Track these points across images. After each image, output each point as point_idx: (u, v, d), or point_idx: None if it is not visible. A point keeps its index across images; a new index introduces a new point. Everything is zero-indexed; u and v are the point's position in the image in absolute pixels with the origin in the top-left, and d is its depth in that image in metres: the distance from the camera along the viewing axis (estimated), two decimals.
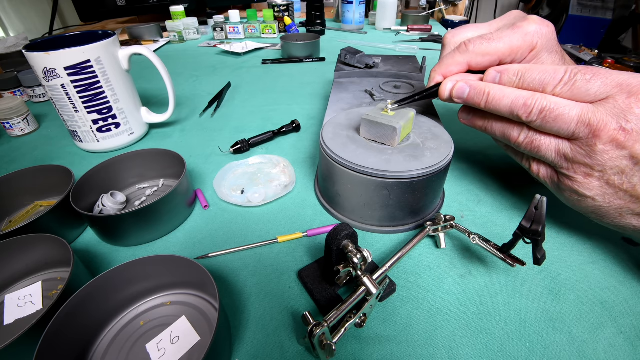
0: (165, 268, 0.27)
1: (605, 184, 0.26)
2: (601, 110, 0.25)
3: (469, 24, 0.37)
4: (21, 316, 0.28)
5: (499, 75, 0.30)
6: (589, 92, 0.26)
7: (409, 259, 0.32)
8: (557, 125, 0.27)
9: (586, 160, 0.26)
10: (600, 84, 0.25)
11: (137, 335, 0.27)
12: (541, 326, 0.27)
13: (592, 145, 0.25)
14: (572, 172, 0.28)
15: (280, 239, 0.34)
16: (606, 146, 0.25)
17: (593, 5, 1.74)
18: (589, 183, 0.27)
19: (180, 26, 1.13)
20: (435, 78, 0.35)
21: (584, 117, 0.25)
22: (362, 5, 1.19)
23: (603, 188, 0.27)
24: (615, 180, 0.26)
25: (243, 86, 0.76)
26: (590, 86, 0.26)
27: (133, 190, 0.42)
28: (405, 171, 0.30)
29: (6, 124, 0.55)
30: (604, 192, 0.27)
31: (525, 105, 0.28)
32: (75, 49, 0.42)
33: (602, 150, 0.25)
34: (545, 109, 0.27)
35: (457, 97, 0.32)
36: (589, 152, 0.26)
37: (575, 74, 0.26)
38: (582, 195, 0.28)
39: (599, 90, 0.25)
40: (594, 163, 0.26)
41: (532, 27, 0.31)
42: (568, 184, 0.29)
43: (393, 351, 0.25)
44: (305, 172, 0.45)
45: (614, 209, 0.27)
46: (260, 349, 0.26)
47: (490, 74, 0.31)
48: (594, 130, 0.25)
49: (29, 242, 0.30)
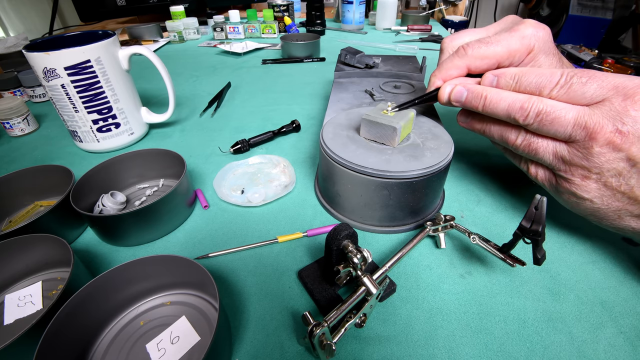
0: (165, 268, 0.27)
1: (603, 186, 0.26)
2: (597, 112, 0.25)
3: (466, 29, 0.37)
4: (21, 316, 0.28)
5: (496, 79, 0.30)
6: (585, 95, 0.26)
7: (409, 259, 0.32)
8: (553, 128, 0.27)
9: (583, 162, 0.26)
10: (597, 86, 0.25)
11: (137, 335, 0.27)
12: (541, 326, 0.27)
13: (588, 148, 0.26)
14: (570, 175, 0.28)
15: (280, 239, 0.34)
16: (603, 148, 0.25)
17: (593, 5, 1.74)
18: (586, 185, 0.27)
19: (180, 26, 1.13)
20: (434, 82, 0.35)
21: (580, 119, 0.25)
22: (362, 5, 1.19)
23: (601, 190, 0.27)
24: (612, 183, 0.26)
25: (243, 86, 0.76)
26: (586, 89, 0.26)
27: (133, 190, 0.42)
28: (405, 171, 0.30)
29: (6, 124, 0.55)
30: (601, 194, 0.27)
31: (521, 108, 0.28)
32: (75, 49, 0.42)
33: (598, 153, 0.25)
34: (541, 112, 0.27)
35: (455, 101, 0.33)
36: (585, 154, 0.26)
37: (571, 77, 0.26)
38: (580, 197, 0.28)
39: (595, 93, 0.25)
40: (591, 165, 0.26)
41: (529, 31, 0.31)
42: (566, 186, 0.29)
43: (393, 351, 0.25)
44: (305, 172, 0.45)
45: (613, 211, 0.27)
46: (260, 349, 0.26)
47: (488, 77, 0.31)
48: (590, 132, 0.25)
49: (29, 242, 0.30)
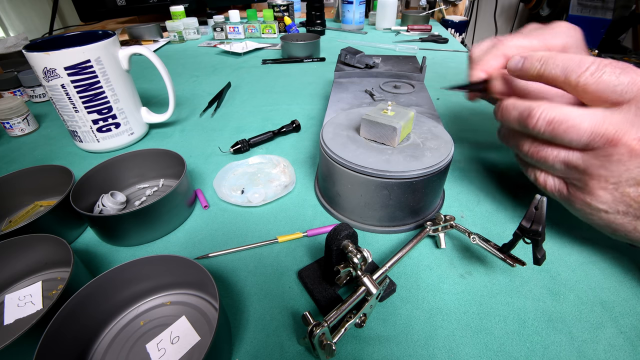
0: (165, 268, 0.27)
1: (620, 195, 0.25)
2: (619, 117, 0.23)
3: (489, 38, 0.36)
4: (21, 316, 0.28)
5: (522, 61, 0.28)
6: (616, 89, 0.24)
7: (409, 259, 0.32)
8: (568, 137, 0.25)
9: (600, 171, 0.25)
10: (629, 82, 0.23)
11: (137, 335, 0.27)
12: (541, 326, 0.27)
13: (608, 155, 0.24)
14: (584, 184, 0.26)
15: (280, 239, 0.34)
16: (623, 156, 0.23)
17: (593, 5, 1.74)
18: (602, 196, 0.26)
19: (180, 26, 1.13)
20: (477, 75, 0.34)
21: (599, 128, 0.24)
22: (362, 5, 1.19)
23: (617, 200, 0.25)
24: (630, 192, 0.24)
25: (243, 86, 0.76)
26: (618, 82, 0.24)
27: (133, 190, 0.42)
28: (405, 171, 0.30)
29: (6, 124, 0.55)
30: (617, 205, 0.25)
31: (530, 116, 0.26)
32: (75, 49, 0.42)
33: (618, 161, 0.24)
34: (553, 120, 0.25)
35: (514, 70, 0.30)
36: (604, 162, 0.24)
37: (605, 66, 0.24)
38: (595, 208, 0.27)
39: (626, 89, 0.23)
40: (609, 174, 0.24)
41: (562, 27, 0.31)
42: (579, 196, 0.27)
43: (393, 351, 0.25)
44: (305, 172, 0.45)
45: (628, 222, 0.26)
46: (260, 349, 0.26)
47: (514, 59, 0.29)
48: (611, 139, 0.23)
49: (29, 242, 0.30)
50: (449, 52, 0.98)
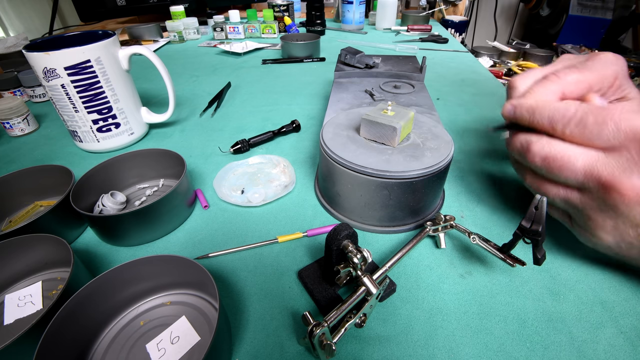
0: (165, 268, 0.27)
1: (620, 236, 0.25)
2: (612, 163, 0.23)
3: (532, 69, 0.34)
4: (21, 316, 0.28)
5: (512, 110, 0.29)
6: (602, 137, 0.23)
7: (409, 259, 0.32)
8: (563, 175, 0.25)
9: (597, 214, 0.25)
10: (614, 129, 0.23)
11: (137, 335, 0.27)
12: (541, 326, 0.27)
13: (603, 200, 0.24)
14: (584, 223, 0.26)
15: (280, 239, 0.34)
16: (618, 202, 0.23)
17: (593, 5, 1.74)
18: (602, 236, 0.26)
19: (180, 26, 1.13)
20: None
21: (592, 169, 0.24)
22: (362, 5, 1.19)
23: (617, 240, 0.25)
24: (630, 233, 0.24)
25: (243, 86, 0.76)
26: (602, 130, 0.23)
27: (133, 190, 0.42)
28: (405, 171, 0.30)
29: (6, 124, 0.55)
30: (619, 243, 0.25)
31: (529, 151, 0.26)
32: (75, 49, 0.42)
33: (614, 206, 0.23)
34: (548, 157, 0.25)
35: None
36: (600, 204, 0.24)
37: (586, 114, 0.24)
38: (598, 244, 0.27)
39: (612, 137, 0.23)
40: (606, 217, 0.24)
41: (610, 57, 0.30)
42: (582, 232, 0.28)
43: (393, 351, 0.25)
44: (305, 172, 0.45)
45: (635, 253, 0.25)
46: (260, 349, 0.26)
47: (506, 107, 0.30)
48: (604, 185, 0.23)
49: (29, 242, 0.30)
50: (449, 52, 0.98)
